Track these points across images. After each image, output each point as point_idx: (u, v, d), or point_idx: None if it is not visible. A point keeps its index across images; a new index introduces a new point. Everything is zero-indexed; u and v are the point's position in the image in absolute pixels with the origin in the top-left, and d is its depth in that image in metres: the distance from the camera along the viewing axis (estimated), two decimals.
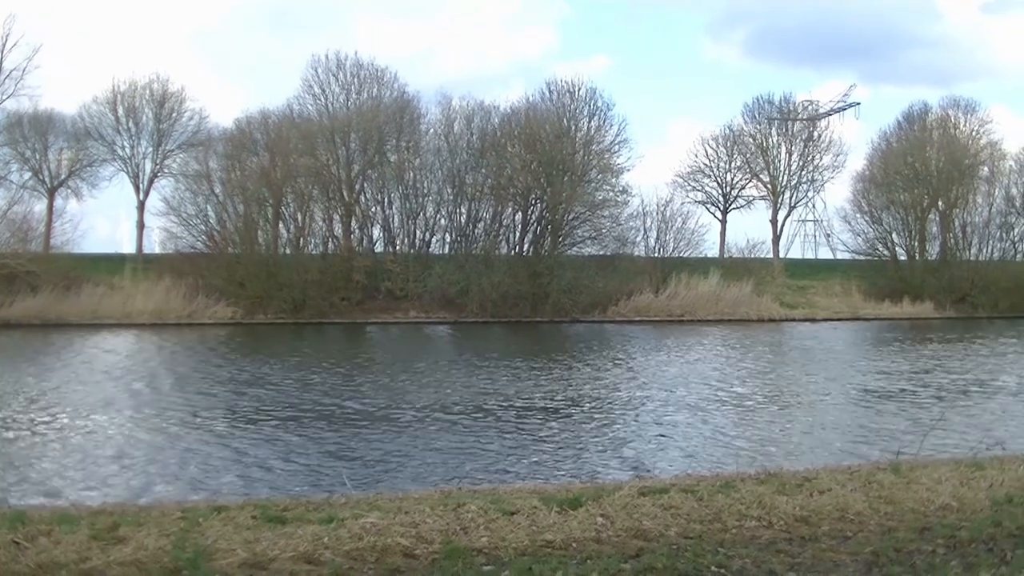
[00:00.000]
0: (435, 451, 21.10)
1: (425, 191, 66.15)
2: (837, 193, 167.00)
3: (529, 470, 19.18)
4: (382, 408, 27.08)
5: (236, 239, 62.38)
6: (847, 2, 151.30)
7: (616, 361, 39.71)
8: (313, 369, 35.67)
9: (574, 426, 24.64)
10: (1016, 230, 79.32)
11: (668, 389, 31.62)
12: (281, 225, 64.47)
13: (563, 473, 18.75)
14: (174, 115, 74.40)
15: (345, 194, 64.94)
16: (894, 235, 79.13)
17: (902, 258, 78.66)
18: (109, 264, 61.78)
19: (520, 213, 67.82)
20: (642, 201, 72.37)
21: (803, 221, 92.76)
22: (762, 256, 77.50)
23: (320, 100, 68.79)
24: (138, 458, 20.33)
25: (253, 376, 33.96)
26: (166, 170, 74.22)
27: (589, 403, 28.41)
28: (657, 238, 70.92)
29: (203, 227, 62.75)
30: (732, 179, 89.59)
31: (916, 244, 78.63)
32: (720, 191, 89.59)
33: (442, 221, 67.00)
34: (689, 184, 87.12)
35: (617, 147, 72.33)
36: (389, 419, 25.23)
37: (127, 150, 74.78)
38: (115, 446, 21.66)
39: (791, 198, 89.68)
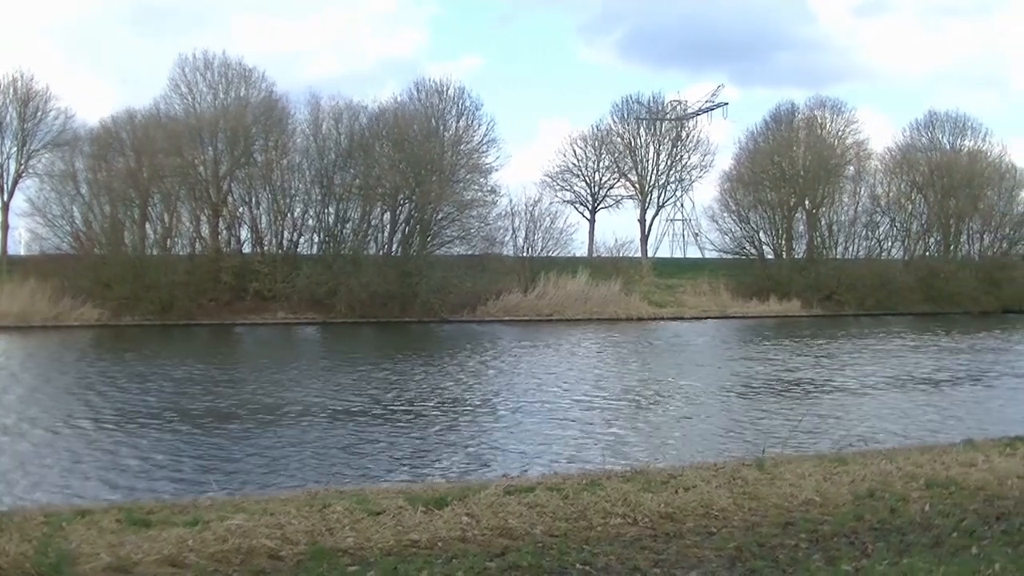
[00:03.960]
0: (302, 451, 20.98)
1: (293, 191, 65.73)
2: (705, 193, 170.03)
3: (394, 469, 19.15)
4: (250, 409, 26.77)
5: (102, 240, 61.35)
6: (720, 4, 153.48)
7: (484, 361, 39.78)
8: (178, 371, 35.13)
9: (439, 426, 24.58)
10: (881, 229, 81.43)
11: (535, 388, 31.77)
12: (148, 226, 63.42)
13: (430, 472, 18.73)
14: (39, 114, 72.37)
15: (212, 194, 64.25)
16: (761, 234, 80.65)
17: (769, 256, 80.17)
18: None
19: (389, 213, 67.55)
20: (511, 201, 73.00)
21: (671, 220, 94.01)
22: (630, 255, 77.96)
23: (187, 99, 67.68)
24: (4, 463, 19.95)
25: (116, 378, 33.27)
26: (31, 170, 72.19)
27: (454, 403, 28.37)
28: (526, 238, 71.33)
29: (69, 228, 61.76)
30: (600, 179, 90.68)
31: (783, 243, 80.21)
32: (589, 191, 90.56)
33: (310, 221, 66.75)
34: (558, 184, 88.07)
35: (485, 147, 73.51)
36: (256, 420, 24.98)
37: None
38: None
39: (659, 197, 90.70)
